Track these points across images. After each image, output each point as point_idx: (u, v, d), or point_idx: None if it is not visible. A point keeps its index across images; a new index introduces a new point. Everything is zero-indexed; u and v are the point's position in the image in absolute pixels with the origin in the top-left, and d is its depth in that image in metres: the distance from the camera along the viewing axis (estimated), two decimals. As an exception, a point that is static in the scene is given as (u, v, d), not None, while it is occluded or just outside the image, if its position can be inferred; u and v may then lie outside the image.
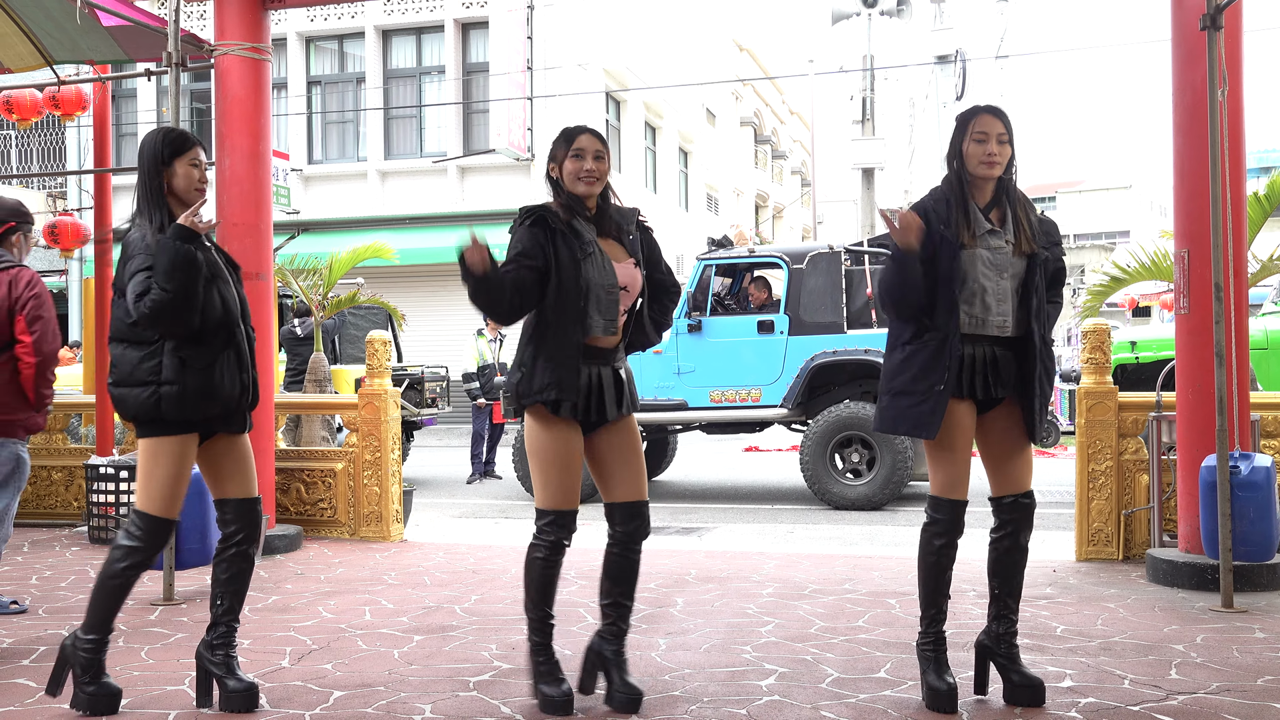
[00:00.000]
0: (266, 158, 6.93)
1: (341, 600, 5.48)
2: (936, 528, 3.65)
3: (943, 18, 21.79)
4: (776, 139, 40.90)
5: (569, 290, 3.49)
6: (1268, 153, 41.83)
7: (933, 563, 3.66)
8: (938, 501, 3.66)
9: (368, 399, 7.30)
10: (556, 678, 3.64)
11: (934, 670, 3.66)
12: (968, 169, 3.60)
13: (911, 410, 3.57)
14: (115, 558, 3.61)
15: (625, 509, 3.68)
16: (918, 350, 3.57)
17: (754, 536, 8.11)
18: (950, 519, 3.63)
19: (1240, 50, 5.68)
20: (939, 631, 3.69)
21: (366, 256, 10.17)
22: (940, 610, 3.69)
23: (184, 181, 3.64)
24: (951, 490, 3.63)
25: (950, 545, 3.64)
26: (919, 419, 3.56)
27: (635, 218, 3.74)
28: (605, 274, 3.55)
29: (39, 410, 4.76)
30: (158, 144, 3.65)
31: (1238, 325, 5.54)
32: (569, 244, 3.53)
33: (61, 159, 22.56)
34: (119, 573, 3.60)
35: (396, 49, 21.53)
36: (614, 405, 3.61)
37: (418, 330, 16.95)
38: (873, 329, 9.62)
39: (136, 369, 3.54)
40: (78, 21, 6.36)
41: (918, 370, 3.56)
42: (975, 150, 3.57)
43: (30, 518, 8.03)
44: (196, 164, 3.66)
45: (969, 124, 3.60)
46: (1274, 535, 5.39)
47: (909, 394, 3.57)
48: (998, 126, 3.58)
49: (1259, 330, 9.96)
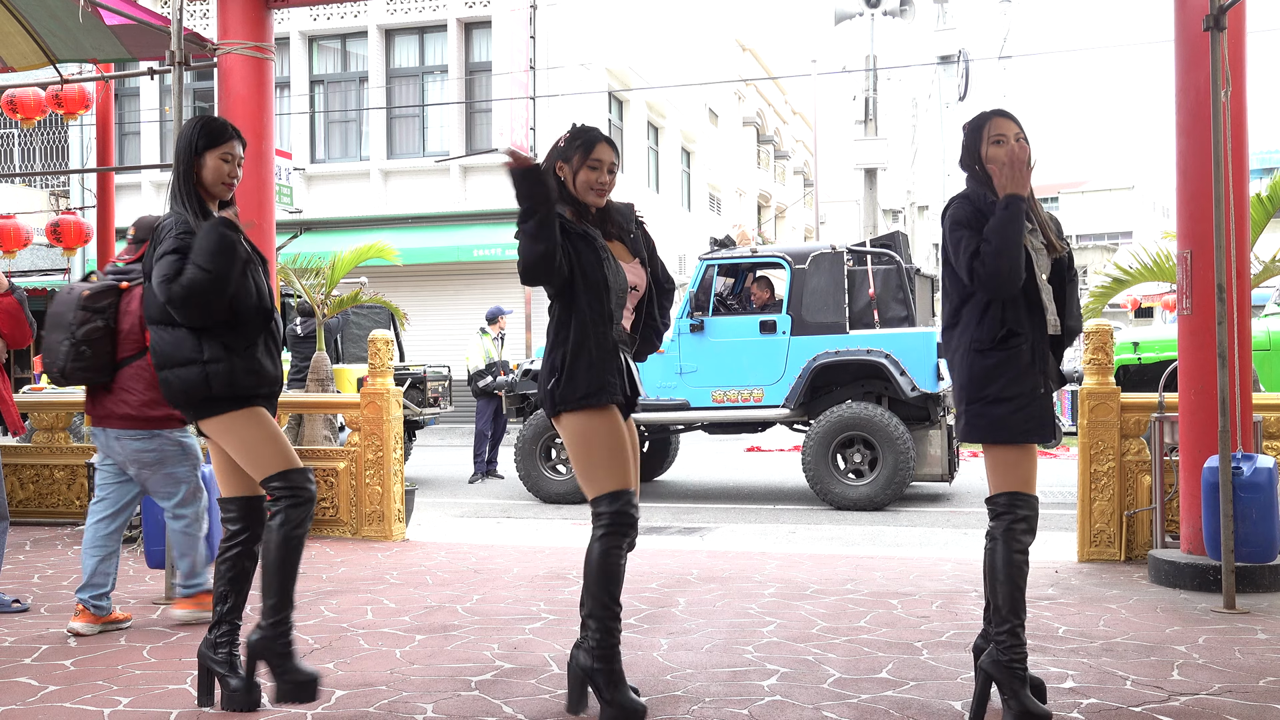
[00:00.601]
0: (269, 157, 6.94)
1: (343, 599, 5.48)
2: (1025, 524, 3.46)
3: (946, 18, 21.76)
4: (779, 139, 40.89)
5: (597, 291, 3.47)
6: (1270, 154, 41.76)
7: (1021, 561, 3.46)
8: (1022, 497, 3.47)
9: (370, 398, 7.30)
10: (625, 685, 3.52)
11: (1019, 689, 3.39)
12: (991, 172, 3.58)
13: (1015, 416, 3.44)
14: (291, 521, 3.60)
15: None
16: (1011, 356, 3.46)
17: (756, 537, 8.11)
18: (1035, 513, 3.48)
19: (1243, 51, 5.67)
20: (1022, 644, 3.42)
21: (369, 256, 10.17)
22: (1021, 621, 3.45)
23: (212, 175, 3.64)
24: (1031, 485, 3.50)
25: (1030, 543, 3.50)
26: (1038, 424, 3.44)
27: (633, 215, 3.74)
28: (619, 277, 3.54)
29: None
30: (194, 133, 3.65)
31: (1240, 326, 5.53)
32: (590, 247, 3.51)
33: (64, 157, 22.57)
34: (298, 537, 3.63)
35: (399, 48, 21.54)
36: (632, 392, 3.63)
37: (420, 330, 16.96)
38: (875, 329, 9.62)
39: (179, 348, 3.55)
40: (80, 20, 6.36)
41: (1018, 373, 3.45)
42: (998, 153, 3.52)
43: (32, 516, 8.04)
44: (229, 158, 3.65)
45: (984, 129, 3.57)
46: (1276, 536, 5.39)
47: (1006, 400, 3.44)
48: (1013, 127, 3.57)
49: (1261, 331, 9.96)
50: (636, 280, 3.62)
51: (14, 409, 5.38)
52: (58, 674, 4.14)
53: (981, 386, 3.49)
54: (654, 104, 25.31)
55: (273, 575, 3.59)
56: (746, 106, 35.65)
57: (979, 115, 3.66)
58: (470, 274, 20.08)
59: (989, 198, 3.53)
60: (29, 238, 10.65)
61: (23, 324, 5.36)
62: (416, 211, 20.68)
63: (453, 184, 20.66)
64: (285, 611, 3.61)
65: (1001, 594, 3.44)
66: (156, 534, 5.54)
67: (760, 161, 38.30)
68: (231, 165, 3.67)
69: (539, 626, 4.88)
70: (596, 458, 3.49)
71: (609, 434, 3.49)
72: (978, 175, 3.60)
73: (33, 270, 21.86)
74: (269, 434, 3.61)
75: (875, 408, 9.51)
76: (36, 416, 8.35)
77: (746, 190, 35.98)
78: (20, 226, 10.63)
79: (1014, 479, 3.49)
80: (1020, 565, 3.46)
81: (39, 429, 8.30)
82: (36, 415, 8.35)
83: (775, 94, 40.54)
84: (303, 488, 3.62)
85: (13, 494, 8.02)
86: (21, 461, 8.13)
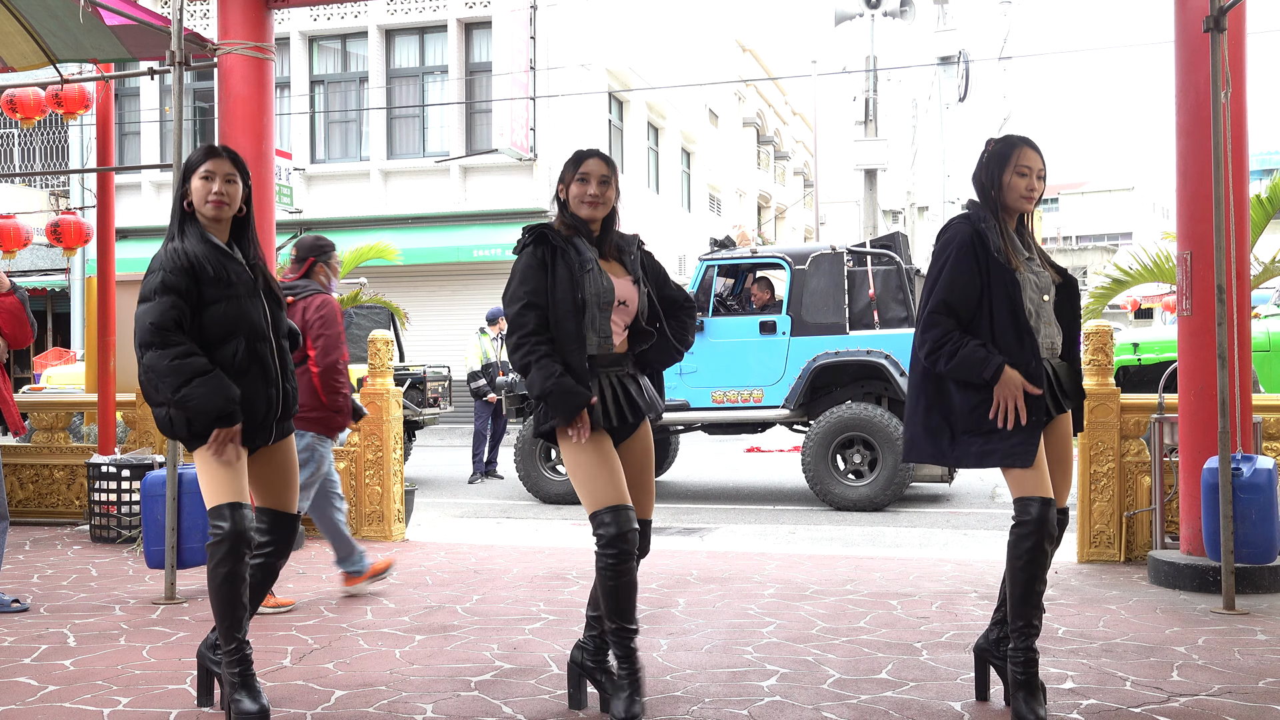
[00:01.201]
0: (269, 157, 6.94)
1: (343, 599, 5.48)
2: (1026, 528, 3.49)
3: (946, 19, 21.74)
4: (779, 140, 40.89)
5: (564, 311, 3.48)
6: (1270, 155, 41.79)
7: (1043, 562, 3.50)
8: (1029, 502, 3.48)
9: (370, 398, 7.30)
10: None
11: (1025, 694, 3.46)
12: (1005, 199, 3.59)
13: (1003, 443, 3.47)
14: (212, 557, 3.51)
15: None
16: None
17: (755, 537, 8.11)
18: (1041, 517, 3.48)
19: (1243, 52, 5.68)
20: (1032, 648, 3.48)
21: (369, 256, 10.20)
22: (1030, 623, 3.50)
23: (196, 197, 3.60)
24: (1039, 489, 3.49)
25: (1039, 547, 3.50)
26: (1012, 451, 3.46)
27: (637, 242, 3.74)
28: (604, 288, 3.53)
29: (335, 412, 5.40)
30: (189, 159, 3.65)
31: (1240, 327, 5.53)
32: (568, 260, 3.52)
33: (64, 157, 22.57)
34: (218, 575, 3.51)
35: (399, 48, 21.54)
36: (629, 412, 3.60)
37: (420, 330, 16.96)
38: (875, 330, 9.62)
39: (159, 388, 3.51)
40: (81, 20, 6.36)
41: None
42: (1018, 183, 3.57)
43: (32, 516, 8.04)
44: (209, 175, 3.58)
45: (1012, 156, 3.58)
46: (1276, 537, 5.39)
47: (997, 432, 3.47)
48: (1039, 162, 3.61)
49: (1261, 332, 9.95)
50: (626, 296, 3.60)
51: (15, 409, 5.38)
52: (57, 674, 4.14)
53: (972, 419, 3.50)
54: (654, 104, 25.32)
55: (212, 604, 3.54)
56: (746, 107, 35.65)
57: (1008, 141, 3.66)
58: (470, 274, 20.08)
59: (988, 221, 3.57)
60: (29, 238, 10.65)
61: (24, 324, 5.38)
62: (416, 212, 20.67)
63: (453, 184, 20.66)
64: (225, 644, 3.50)
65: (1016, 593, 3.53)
66: (156, 534, 5.54)
67: (760, 162, 38.30)
68: (211, 183, 3.57)
69: (539, 627, 4.88)
70: (579, 477, 3.53)
71: (587, 455, 3.50)
72: (989, 199, 3.61)
73: (33, 270, 21.87)
74: (208, 464, 3.52)
75: (875, 408, 9.52)
76: (36, 416, 8.36)
77: (746, 191, 35.98)
78: (20, 226, 10.62)
79: (1026, 484, 3.50)
80: (1016, 569, 3.50)
81: (39, 429, 8.30)
82: (36, 415, 8.36)
83: (775, 95, 40.54)
84: (218, 526, 3.48)
85: (12, 494, 8.02)
86: (21, 461, 8.13)
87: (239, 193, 3.64)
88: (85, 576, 6.06)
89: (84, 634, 4.75)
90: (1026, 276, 3.55)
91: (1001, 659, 3.67)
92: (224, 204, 3.59)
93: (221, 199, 3.58)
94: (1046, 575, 3.54)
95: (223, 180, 3.59)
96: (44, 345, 21.85)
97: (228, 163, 3.63)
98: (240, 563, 3.49)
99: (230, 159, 3.65)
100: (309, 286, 5.47)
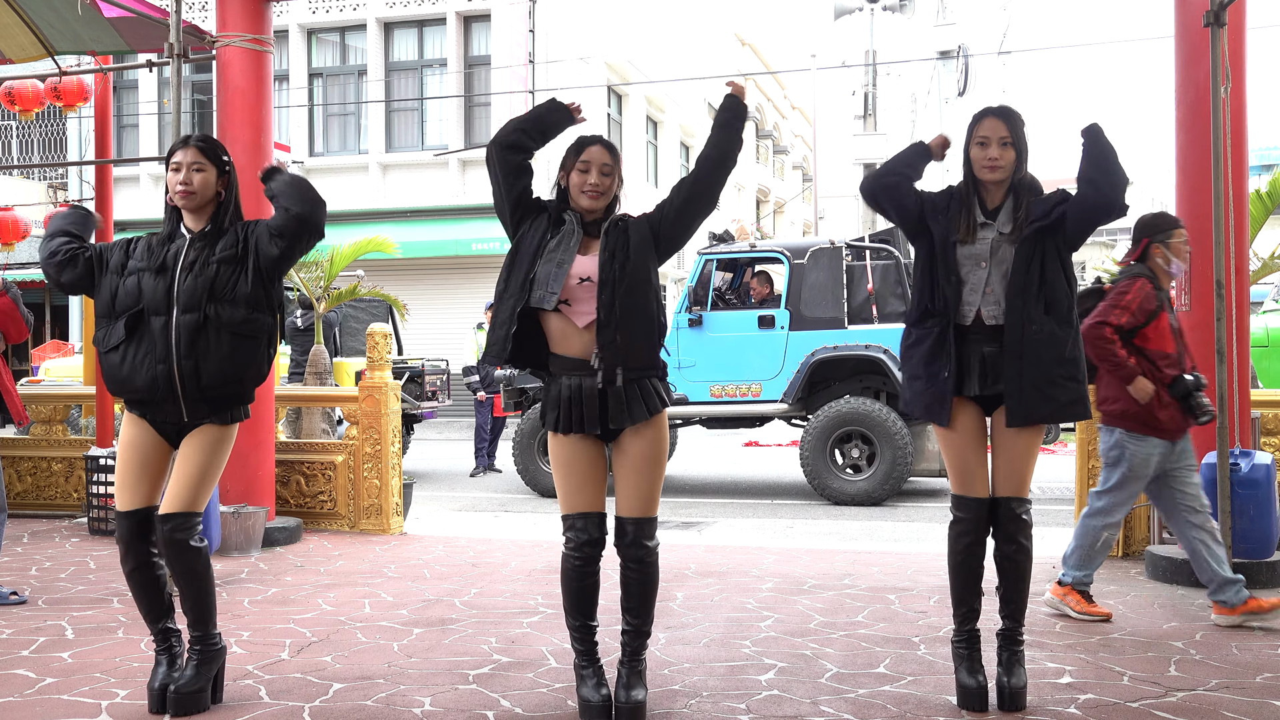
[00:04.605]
0: (268, 150, 6.92)
1: (341, 593, 5.49)
2: (959, 526, 3.66)
3: (945, 13, 21.76)
4: (778, 134, 40.84)
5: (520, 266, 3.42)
6: (1269, 150, 41.71)
7: (959, 561, 3.66)
8: (957, 500, 3.66)
9: (368, 392, 7.30)
10: (596, 683, 3.49)
11: (965, 668, 3.65)
12: (974, 172, 3.60)
13: (924, 394, 3.61)
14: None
15: (617, 524, 3.53)
16: (924, 335, 3.61)
17: (754, 531, 8.11)
18: (970, 516, 3.62)
19: (1243, 48, 5.67)
20: (972, 630, 3.68)
21: (368, 249, 10.16)
22: (971, 609, 3.68)
23: (170, 188, 3.66)
24: (965, 487, 3.62)
25: (976, 543, 3.63)
26: (929, 404, 3.60)
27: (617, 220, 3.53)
28: (566, 253, 3.39)
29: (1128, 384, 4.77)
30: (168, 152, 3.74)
31: (1239, 322, 5.54)
32: (541, 228, 3.44)
33: (62, 150, 22.54)
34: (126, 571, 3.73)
35: (398, 41, 21.51)
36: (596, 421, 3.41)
37: (418, 323, 16.93)
38: (873, 324, 9.62)
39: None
40: (79, 12, 6.35)
41: (926, 354, 3.60)
42: (977, 155, 3.58)
43: (30, 509, 8.04)
44: (176, 167, 3.62)
45: (973, 129, 3.61)
46: (1274, 533, 5.40)
47: (919, 378, 3.63)
48: (1000, 130, 3.56)
49: (1260, 328, 9.96)
50: (585, 271, 3.40)
51: (18, 400, 5.40)
52: (55, 666, 4.15)
53: (904, 360, 3.73)
54: (653, 98, 25.28)
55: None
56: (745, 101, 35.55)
57: (977, 111, 3.70)
58: (469, 268, 20.06)
59: (950, 195, 3.64)
60: (27, 230, 10.61)
61: (19, 321, 5.39)
62: (415, 205, 20.65)
63: (451, 178, 20.64)
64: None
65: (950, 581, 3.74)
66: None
67: (759, 156, 38.25)
68: (179, 174, 3.59)
69: (536, 620, 4.89)
70: (555, 480, 3.56)
71: (560, 459, 3.50)
72: (967, 173, 3.65)
73: (31, 262, 21.83)
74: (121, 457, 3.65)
75: (873, 403, 9.52)
76: (34, 409, 8.35)
77: (745, 185, 35.94)
78: (19, 219, 10.59)
79: (952, 478, 3.67)
80: (959, 564, 3.67)
81: (37, 421, 8.30)
82: (34, 407, 8.35)
83: (774, 89, 40.47)
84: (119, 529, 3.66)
85: (10, 486, 8.02)
86: (19, 454, 8.13)
87: (207, 179, 3.63)
88: (83, 569, 6.06)
89: (82, 626, 4.75)
90: (966, 249, 3.56)
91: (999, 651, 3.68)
92: (190, 193, 3.61)
93: (186, 188, 3.61)
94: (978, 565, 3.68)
95: (189, 169, 3.61)
96: (42, 338, 21.84)
97: (194, 151, 3.64)
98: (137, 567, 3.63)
99: (199, 148, 3.65)
100: (1137, 270, 4.88)
